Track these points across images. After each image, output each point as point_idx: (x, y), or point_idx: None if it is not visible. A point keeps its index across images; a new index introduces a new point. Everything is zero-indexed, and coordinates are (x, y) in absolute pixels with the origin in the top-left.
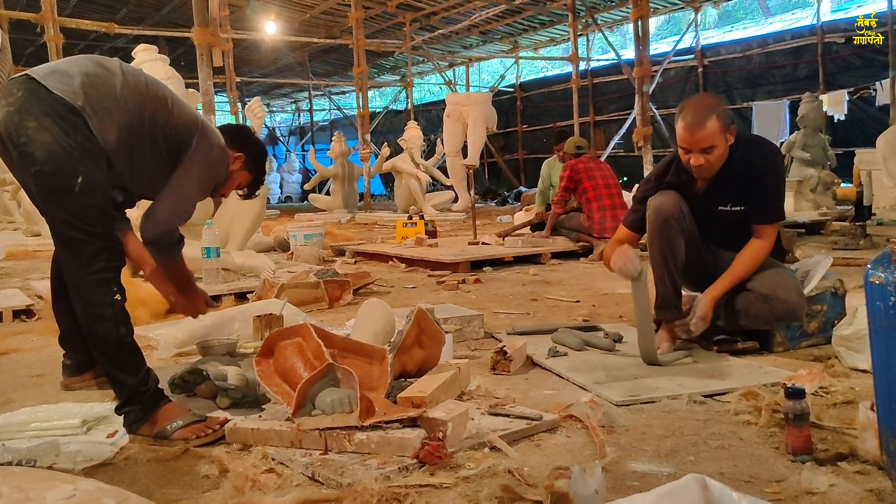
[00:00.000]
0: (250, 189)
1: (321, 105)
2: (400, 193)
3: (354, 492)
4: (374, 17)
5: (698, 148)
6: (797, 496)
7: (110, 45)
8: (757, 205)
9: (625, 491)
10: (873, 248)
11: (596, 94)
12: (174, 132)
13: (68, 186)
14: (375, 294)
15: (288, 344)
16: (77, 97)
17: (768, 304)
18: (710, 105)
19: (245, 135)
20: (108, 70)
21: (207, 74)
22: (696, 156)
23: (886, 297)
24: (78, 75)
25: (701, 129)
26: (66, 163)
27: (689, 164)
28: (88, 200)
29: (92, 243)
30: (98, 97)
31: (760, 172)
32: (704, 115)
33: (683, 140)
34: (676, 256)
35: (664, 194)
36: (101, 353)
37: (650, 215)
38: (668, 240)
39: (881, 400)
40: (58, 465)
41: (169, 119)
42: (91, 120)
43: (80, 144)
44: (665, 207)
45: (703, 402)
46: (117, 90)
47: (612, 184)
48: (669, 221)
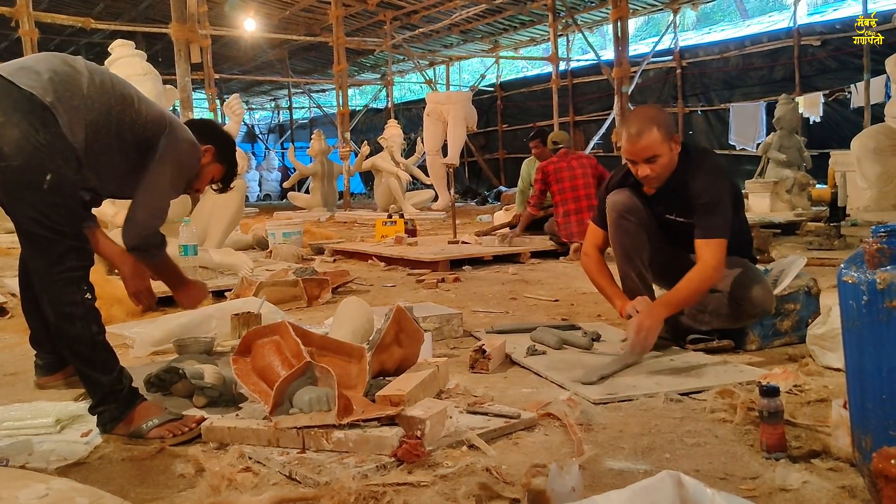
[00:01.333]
0: (224, 182)
1: (301, 103)
2: (380, 192)
3: (332, 490)
4: (355, 15)
5: (642, 158)
6: (771, 493)
7: (87, 40)
8: (699, 222)
9: (602, 488)
10: (847, 249)
11: (576, 94)
12: (142, 131)
13: (36, 183)
14: (354, 292)
15: (265, 342)
16: (47, 93)
17: (739, 303)
18: (651, 116)
19: (212, 127)
20: (74, 68)
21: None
22: (641, 166)
23: (859, 297)
24: (46, 72)
25: (641, 140)
26: (35, 159)
27: (637, 175)
28: (57, 199)
29: (60, 242)
30: (66, 95)
31: (699, 193)
32: (645, 125)
33: (627, 151)
34: (640, 250)
35: (618, 192)
36: (72, 352)
37: (608, 212)
38: (626, 233)
39: (853, 398)
40: (31, 464)
41: (136, 118)
42: (61, 117)
43: (49, 141)
44: (619, 203)
45: (679, 401)
46: (84, 89)
47: (580, 185)
48: (624, 215)
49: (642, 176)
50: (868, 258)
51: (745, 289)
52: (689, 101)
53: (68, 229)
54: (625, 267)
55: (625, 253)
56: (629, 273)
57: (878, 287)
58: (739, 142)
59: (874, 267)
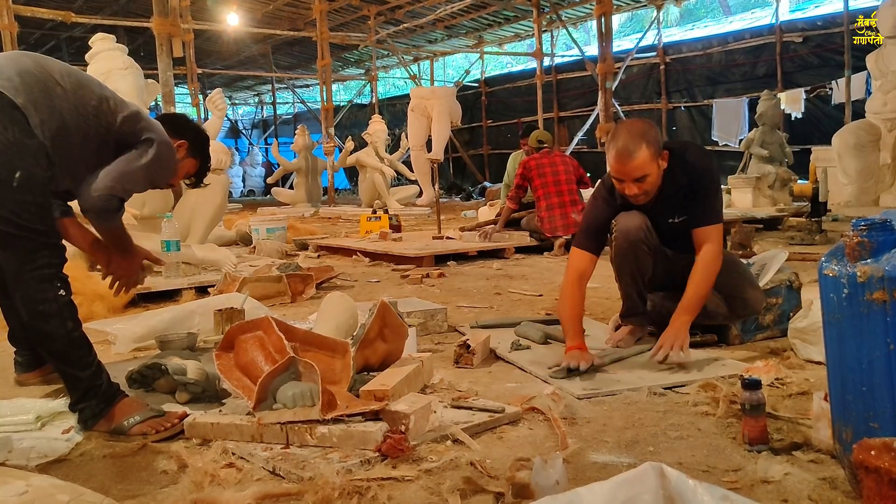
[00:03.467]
0: (198, 177)
1: (284, 98)
2: (364, 187)
3: (316, 486)
4: (339, 10)
5: (631, 178)
6: (753, 485)
7: (67, 34)
8: (697, 210)
9: (586, 481)
10: (828, 243)
11: (560, 90)
12: (118, 133)
13: (5, 181)
14: (339, 288)
15: (249, 338)
16: (18, 94)
17: (729, 302)
18: (640, 133)
19: (184, 122)
20: (46, 70)
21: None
22: (629, 185)
23: (840, 290)
24: (17, 73)
25: (632, 160)
26: (4, 157)
27: (623, 193)
28: (27, 196)
29: (32, 240)
30: (39, 96)
31: (697, 180)
32: (635, 143)
33: (615, 170)
34: (645, 274)
35: (629, 216)
36: (48, 350)
37: (618, 239)
38: (636, 261)
39: (834, 390)
40: (10, 461)
41: (112, 120)
42: (31, 118)
43: (18, 139)
44: (632, 231)
45: (662, 394)
46: (57, 90)
47: (563, 180)
48: (638, 245)
49: (629, 194)
50: (849, 252)
51: (740, 290)
52: (672, 98)
53: (39, 227)
54: (629, 289)
55: (632, 277)
56: (632, 294)
57: (859, 280)
58: (722, 138)
59: (855, 260)
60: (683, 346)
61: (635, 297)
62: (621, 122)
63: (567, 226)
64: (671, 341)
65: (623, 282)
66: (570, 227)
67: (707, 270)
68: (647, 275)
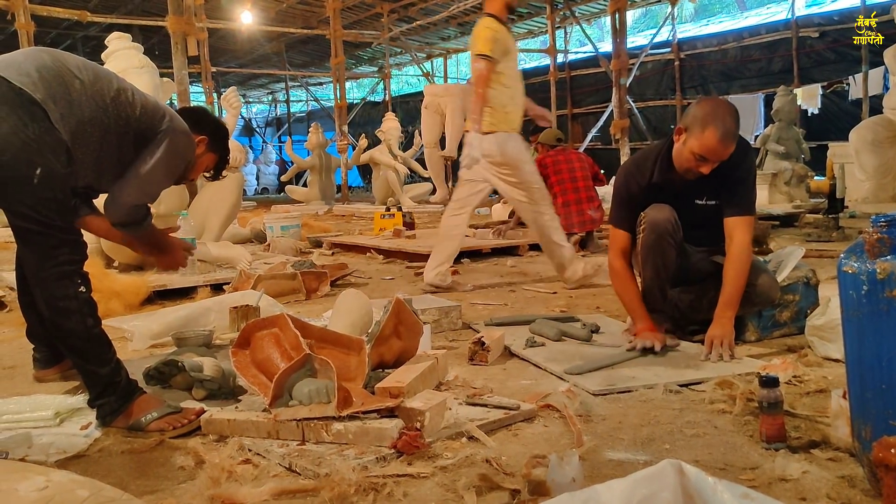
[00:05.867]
0: (216, 170)
1: (298, 96)
2: (377, 185)
3: (332, 482)
4: (352, 8)
5: (719, 160)
6: (771, 483)
7: (83, 33)
8: (732, 198)
9: (602, 479)
10: (846, 240)
11: (573, 87)
12: (138, 124)
13: (26, 178)
14: (353, 285)
15: (265, 334)
16: (37, 89)
17: (746, 290)
18: (736, 117)
19: (204, 116)
20: (64, 65)
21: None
22: (708, 165)
23: (859, 287)
24: (36, 69)
25: (731, 144)
26: (24, 153)
27: (698, 170)
28: (48, 192)
29: (52, 236)
30: (58, 92)
31: (735, 166)
32: (736, 128)
33: (713, 152)
34: (668, 268)
35: (658, 209)
36: (68, 346)
37: (646, 230)
38: (662, 255)
39: (853, 388)
40: (30, 457)
41: (132, 112)
42: (52, 113)
43: (38, 136)
44: (660, 223)
45: (678, 392)
46: (76, 85)
47: (580, 176)
48: (665, 237)
49: (704, 172)
50: (868, 248)
51: (752, 277)
52: (687, 94)
53: (59, 223)
54: (651, 283)
55: (655, 271)
56: (653, 289)
57: (879, 277)
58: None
59: (874, 257)
60: (731, 343)
61: (657, 293)
62: (714, 101)
63: (583, 222)
64: (720, 339)
65: (646, 275)
66: (585, 223)
67: (741, 263)
68: (670, 269)
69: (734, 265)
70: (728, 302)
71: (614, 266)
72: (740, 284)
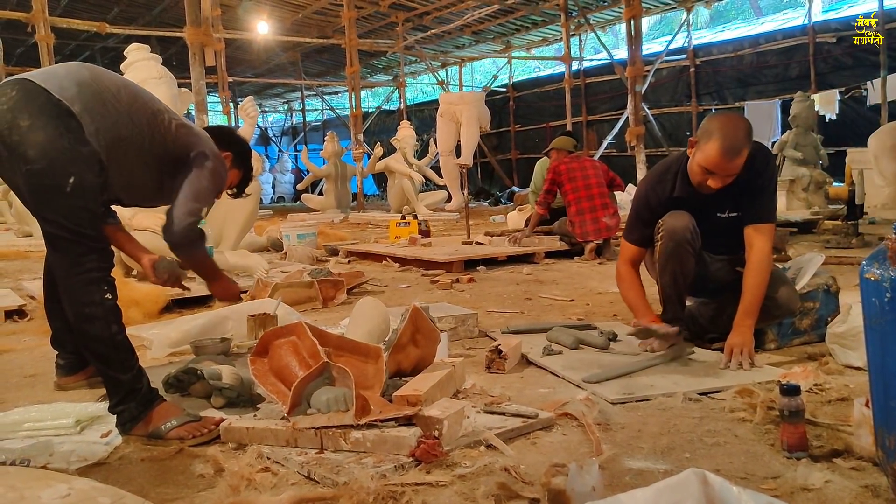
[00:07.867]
0: (240, 187)
1: (313, 105)
2: (393, 193)
3: (350, 490)
4: (367, 17)
5: (727, 174)
6: (793, 492)
7: (101, 44)
8: (753, 206)
9: (622, 488)
10: (865, 247)
11: (588, 94)
12: (174, 146)
13: (59, 187)
14: (369, 293)
15: (283, 343)
16: (74, 102)
17: (765, 303)
18: (746, 133)
19: (229, 134)
20: (101, 82)
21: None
22: (718, 179)
23: (882, 294)
24: (75, 83)
25: (737, 158)
26: (59, 163)
27: (707, 184)
28: (79, 202)
29: (81, 244)
30: (94, 105)
31: (757, 176)
32: (742, 144)
33: (716, 166)
34: (687, 277)
35: (677, 216)
36: (92, 352)
37: (664, 238)
38: (680, 263)
39: (876, 396)
40: (52, 465)
41: (167, 133)
42: (87, 126)
43: (73, 146)
44: (679, 231)
45: (698, 400)
46: (112, 104)
47: (594, 184)
48: (684, 245)
49: (713, 186)
50: (891, 255)
51: (772, 289)
52: (702, 100)
53: (89, 232)
54: (669, 291)
55: (673, 278)
56: (671, 297)
57: None
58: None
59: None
60: (751, 351)
61: (675, 301)
62: (725, 115)
63: (598, 230)
64: (739, 347)
65: (664, 283)
66: (601, 231)
67: (761, 271)
68: (688, 278)
69: (754, 273)
70: (748, 310)
71: (620, 271)
72: (760, 293)
